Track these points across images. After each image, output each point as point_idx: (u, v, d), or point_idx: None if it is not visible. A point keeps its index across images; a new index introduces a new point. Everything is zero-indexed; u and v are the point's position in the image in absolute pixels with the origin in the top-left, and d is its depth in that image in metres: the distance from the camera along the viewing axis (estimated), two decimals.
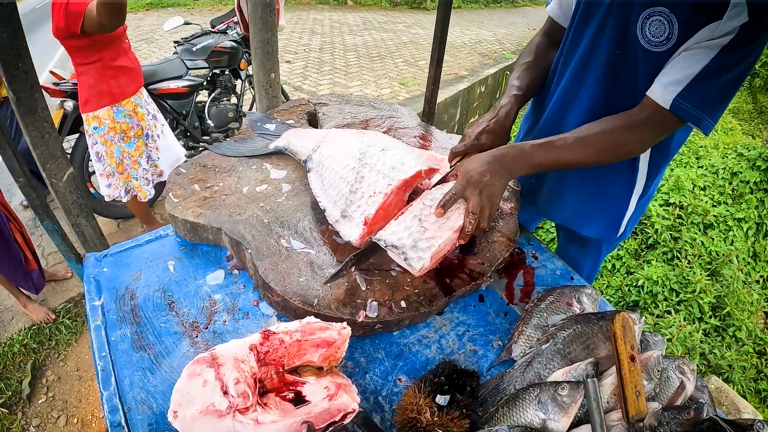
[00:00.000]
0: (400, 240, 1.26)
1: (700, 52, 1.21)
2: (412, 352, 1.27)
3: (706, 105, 1.24)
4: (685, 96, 1.23)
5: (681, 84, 1.23)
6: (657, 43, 1.28)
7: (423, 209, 1.32)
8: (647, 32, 1.29)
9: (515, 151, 1.34)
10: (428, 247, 1.26)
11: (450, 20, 2.25)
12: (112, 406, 1.10)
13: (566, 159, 1.36)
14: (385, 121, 2.06)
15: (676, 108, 1.24)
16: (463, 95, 7.59)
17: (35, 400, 3.06)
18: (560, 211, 1.83)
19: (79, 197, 1.64)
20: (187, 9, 13.49)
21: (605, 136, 1.35)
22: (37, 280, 3.31)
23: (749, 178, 4.54)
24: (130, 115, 3.27)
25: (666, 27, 1.25)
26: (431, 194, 1.34)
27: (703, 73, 1.21)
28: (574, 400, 0.99)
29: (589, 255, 1.96)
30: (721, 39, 1.17)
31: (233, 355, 0.99)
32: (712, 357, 3.39)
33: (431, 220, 1.30)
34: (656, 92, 1.28)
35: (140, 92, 3.37)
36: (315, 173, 1.56)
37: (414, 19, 14.08)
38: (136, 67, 3.33)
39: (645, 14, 1.28)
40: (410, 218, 1.30)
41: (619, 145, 1.36)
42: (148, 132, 3.46)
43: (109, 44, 3.00)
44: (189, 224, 1.48)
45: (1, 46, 1.25)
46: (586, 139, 1.35)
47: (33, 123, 1.42)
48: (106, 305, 1.35)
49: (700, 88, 1.22)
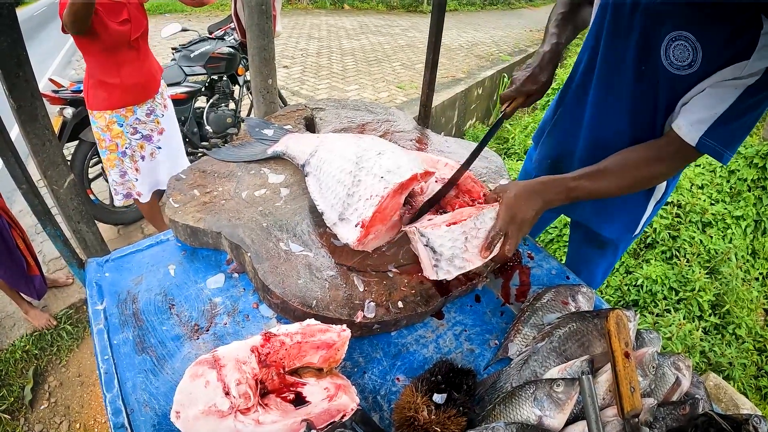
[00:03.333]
0: (441, 246, 1.26)
1: (725, 91, 1.24)
2: (410, 351, 1.28)
3: (728, 142, 1.28)
4: (710, 135, 1.27)
5: (707, 123, 1.26)
6: (679, 67, 1.31)
7: (472, 229, 1.29)
8: (671, 54, 1.32)
9: (557, 187, 1.36)
10: (461, 267, 1.28)
11: (445, 23, 2.27)
12: (115, 408, 1.11)
13: (601, 191, 1.39)
14: (381, 125, 2.07)
15: (701, 146, 1.28)
16: (461, 98, 7.61)
17: (37, 405, 3.07)
18: (581, 209, 1.88)
19: (80, 204, 1.65)
20: (185, 15, 13.52)
21: (638, 170, 1.38)
22: (39, 286, 3.31)
23: (747, 175, 4.55)
24: (102, 129, 3.18)
25: (690, 53, 1.28)
26: (483, 216, 1.30)
27: (728, 112, 1.24)
28: (570, 397, 1.01)
29: (605, 256, 2.00)
30: (747, 80, 1.20)
31: (235, 356, 1.00)
32: (712, 355, 3.39)
33: (474, 244, 1.29)
34: (683, 129, 1.31)
35: (127, 110, 3.20)
36: (313, 177, 1.58)
37: (410, 22, 14.12)
38: (129, 85, 3.13)
39: (671, 36, 1.31)
40: (460, 232, 1.28)
41: (650, 178, 1.42)
42: (125, 150, 3.32)
43: (97, 55, 2.95)
44: (189, 229, 1.49)
45: (2, 54, 1.26)
46: (619, 172, 1.39)
47: (34, 131, 1.43)
48: (108, 309, 1.36)
49: (725, 128, 1.26)
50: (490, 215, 1.30)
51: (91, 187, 4.00)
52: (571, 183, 1.36)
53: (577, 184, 1.36)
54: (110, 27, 2.85)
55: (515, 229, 1.28)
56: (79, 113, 3.59)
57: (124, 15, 2.92)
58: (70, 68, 9.55)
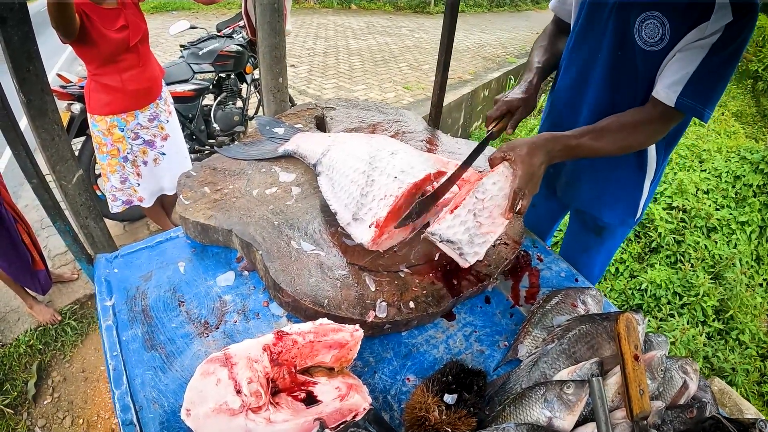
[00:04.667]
0: (455, 235, 1.27)
1: (693, 52, 1.36)
2: (420, 352, 1.29)
3: (705, 99, 1.39)
4: (686, 94, 1.38)
5: (681, 83, 1.38)
6: (652, 44, 1.44)
7: (476, 203, 1.30)
8: (643, 34, 1.45)
9: (560, 143, 1.41)
10: (484, 242, 1.30)
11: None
12: (123, 404, 1.11)
13: (602, 149, 1.46)
14: (392, 126, 2.08)
15: (680, 105, 1.39)
16: (467, 99, 7.60)
17: (41, 400, 3.07)
18: (579, 196, 1.94)
19: (88, 199, 1.66)
20: (192, 13, 13.53)
21: (634, 130, 1.47)
22: (44, 281, 3.32)
23: (752, 181, 4.55)
24: (103, 132, 3.14)
25: (659, 29, 1.41)
26: (482, 186, 1.31)
27: (699, 71, 1.36)
28: (580, 399, 1.01)
29: (603, 243, 2.05)
30: (711, 38, 1.33)
31: (247, 354, 1.01)
32: (715, 360, 3.39)
33: (485, 215, 1.31)
34: (661, 93, 1.42)
35: (128, 115, 3.15)
36: (325, 177, 1.58)
37: (417, 23, 14.10)
38: (131, 90, 3.09)
39: (641, 18, 1.44)
40: (465, 212, 1.29)
41: (644, 139, 1.53)
42: (127, 155, 3.27)
43: (97, 62, 2.91)
44: (200, 226, 1.50)
45: (13, 49, 1.27)
46: (617, 132, 1.47)
47: (43, 125, 1.44)
48: (117, 305, 1.36)
49: (699, 86, 1.37)
50: (491, 181, 1.32)
51: (97, 183, 4.01)
52: (573, 141, 1.43)
53: (578, 141, 1.43)
54: (107, 35, 2.80)
55: (532, 186, 1.33)
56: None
57: (120, 21, 2.87)
58: (77, 64, 9.55)
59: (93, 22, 2.70)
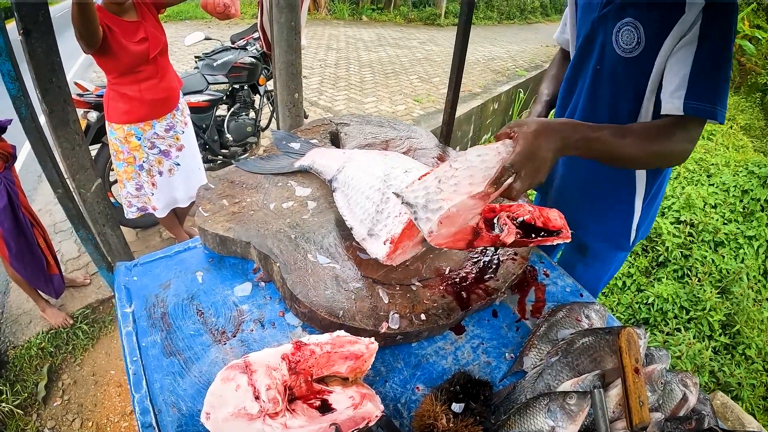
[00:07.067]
0: (415, 198, 1.17)
1: (683, 51, 1.32)
2: (430, 362, 1.32)
3: (712, 96, 1.30)
4: (691, 97, 1.31)
5: (683, 87, 1.32)
6: (629, 50, 1.44)
7: (447, 171, 1.19)
8: (621, 42, 1.45)
9: (579, 132, 1.28)
10: (438, 208, 1.14)
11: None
12: (143, 408, 1.15)
13: (623, 151, 1.32)
14: (404, 142, 2.11)
15: (689, 110, 1.31)
16: (477, 112, 7.63)
17: (51, 402, 3.12)
18: (566, 209, 1.82)
19: (106, 207, 1.69)
20: (205, 23, 13.65)
21: (658, 138, 1.34)
22: (58, 285, 3.38)
23: (760, 195, 4.54)
24: (121, 140, 3.19)
25: (634, 33, 1.41)
26: (464, 156, 1.20)
27: (695, 69, 1.30)
28: (582, 409, 1.04)
29: (590, 265, 1.96)
30: (694, 29, 1.29)
31: (266, 362, 1.04)
32: (721, 375, 3.38)
33: (451, 183, 1.16)
34: (668, 105, 1.35)
35: (146, 124, 3.21)
36: (341, 193, 1.62)
37: (428, 35, 14.16)
38: (149, 100, 3.15)
39: (618, 26, 1.45)
40: (432, 178, 1.19)
41: (668, 153, 1.37)
42: (143, 164, 3.33)
43: (117, 72, 2.97)
44: (218, 237, 1.53)
45: (37, 61, 1.30)
46: (643, 135, 1.34)
47: (65, 135, 1.47)
48: (136, 312, 1.40)
49: (700, 82, 1.30)
50: (477, 153, 1.20)
51: (111, 191, 4.07)
52: (594, 133, 1.29)
53: (599, 135, 1.29)
54: (128, 47, 2.87)
55: (532, 169, 1.17)
56: (102, 117, 3.60)
57: (141, 34, 2.94)
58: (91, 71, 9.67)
59: (115, 34, 2.77)
